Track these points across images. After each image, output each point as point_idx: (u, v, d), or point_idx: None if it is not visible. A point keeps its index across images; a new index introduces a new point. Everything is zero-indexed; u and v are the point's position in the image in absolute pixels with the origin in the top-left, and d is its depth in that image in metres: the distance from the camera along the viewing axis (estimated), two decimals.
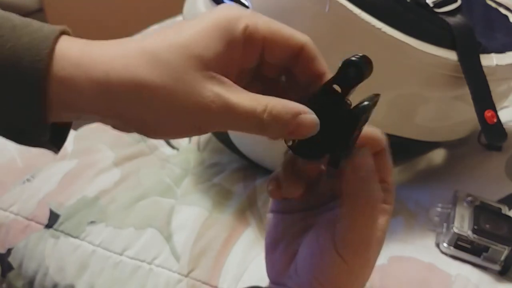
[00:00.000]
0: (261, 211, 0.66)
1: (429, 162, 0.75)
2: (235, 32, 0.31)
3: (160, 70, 0.29)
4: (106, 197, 0.67)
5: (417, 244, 0.60)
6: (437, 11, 0.57)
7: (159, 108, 0.30)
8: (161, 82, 0.29)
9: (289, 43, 0.33)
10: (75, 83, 0.29)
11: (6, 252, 0.65)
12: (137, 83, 0.29)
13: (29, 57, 0.28)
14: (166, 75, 0.29)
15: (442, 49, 0.55)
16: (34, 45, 0.29)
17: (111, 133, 0.78)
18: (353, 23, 0.52)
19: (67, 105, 0.30)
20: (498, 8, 0.70)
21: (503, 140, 0.59)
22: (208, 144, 0.78)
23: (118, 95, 0.29)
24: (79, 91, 0.29)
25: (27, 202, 0.68)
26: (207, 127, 0.31)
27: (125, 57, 0.30)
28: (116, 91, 0.29)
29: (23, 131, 0.31)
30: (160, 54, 0.30)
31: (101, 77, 0.29)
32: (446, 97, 0.60)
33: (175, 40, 0.30)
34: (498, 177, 0.68)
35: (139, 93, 0.29)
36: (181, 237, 0.62)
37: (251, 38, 0.32)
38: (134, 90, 0.29)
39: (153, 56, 0.30)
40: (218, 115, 0.30)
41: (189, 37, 0.30)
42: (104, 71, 0.29)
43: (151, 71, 0.29)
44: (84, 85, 0.29)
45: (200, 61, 0.30)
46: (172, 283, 0.59)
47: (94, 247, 0.63)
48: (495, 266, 0.56)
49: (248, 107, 0.30)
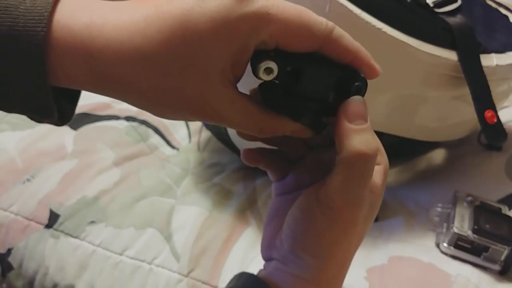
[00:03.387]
0: (261, 211, 0.66)
1: (429, 162, 0.75)
2: (255, 39, 0.30)
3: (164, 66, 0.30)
4: (106, 197, 0.67)
5: (417, 244, 0.60)
6: (437, 11, 0.57)
7: (165, 95, 0.30)
8: (173, 67, 0.29)
9: (310, 37, 0.31)
10: (73, 60, 0.29)
11: (6, 252, 0.65)
12: (146, 57, 0.29)
13: (29, 25, 0.28)
14: (169, 80, 0.30)
15: (442, 49, 0.55)
16: (34, 12, 0.28)
17: (111, 133, 0.78)
18: (353, 23, 0.52)
19: (67, 78, 0.30)
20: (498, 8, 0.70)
21: (503, 140, 0.59)
22: (208, 144, 0.78)
23: (124, 68, 0.29)
24: (77, 71, 0.29)
25: (27, 202, 0.68)
26: (195, 119, 0.33)
27: (133, 29, 0.29)
28: (122, 63, 0.29)
29: (29, 97, 0.30)
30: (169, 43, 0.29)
31: (109, 48, 0.29)
32: (446, 97, 0.60)
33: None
34: (498, 177, 0.68)
35: (146, 66, 0.29)
36: (181, 237, 0.62)
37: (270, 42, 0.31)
38: (142, 63, 0.29)
39: (160, 44, 0.29)
40: (209, 119, 0.31)
41: (200, 50, 0.29)
42: (116, 41, 0.29)
43: (160, 42, 0.29)
44: (86, 56, 0.29)
45: (206, 68, 0.30)
46: (172, 283, 0.59)
47: (94, 247, 0.63)
48: (495, 266, 0.56)
49: (240, 123, 0.32)
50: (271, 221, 0.38)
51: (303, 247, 0.33)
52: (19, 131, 0.77)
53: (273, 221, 0.38)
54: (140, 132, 0.79)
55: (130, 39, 0.29)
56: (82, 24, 0.29)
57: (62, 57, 0.29)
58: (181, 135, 0.80)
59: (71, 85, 0.30)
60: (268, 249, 0.37)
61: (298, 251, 0.34)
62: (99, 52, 0.29)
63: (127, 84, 0.30)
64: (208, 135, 0.78)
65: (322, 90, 0.33)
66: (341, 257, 0.34)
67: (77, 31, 0.29)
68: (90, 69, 0.29)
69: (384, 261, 0.58)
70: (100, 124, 0.80)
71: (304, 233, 0.33)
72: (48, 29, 0.28)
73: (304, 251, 0.33)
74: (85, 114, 0.82)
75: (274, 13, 0.29)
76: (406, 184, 0.69)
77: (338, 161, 0.32)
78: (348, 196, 0.32)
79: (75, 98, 0.34)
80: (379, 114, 0.58)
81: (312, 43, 0.31)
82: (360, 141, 0.32)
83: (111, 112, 0.82)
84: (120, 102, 0.84)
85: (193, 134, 0.80)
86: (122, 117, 0.81)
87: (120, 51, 0.29)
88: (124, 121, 0.81)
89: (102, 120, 0.81)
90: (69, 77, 0.30)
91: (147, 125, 0.81)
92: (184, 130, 0.81)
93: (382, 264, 0.58)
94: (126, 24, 0.29)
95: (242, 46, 0.30)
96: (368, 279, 0.56)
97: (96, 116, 0.82)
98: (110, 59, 0.29)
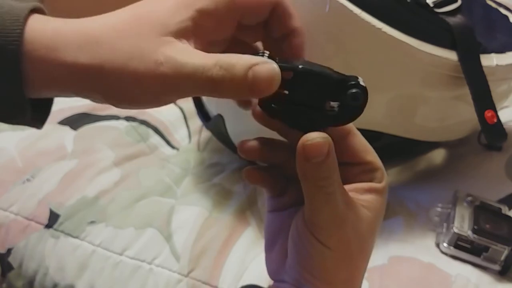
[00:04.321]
0: (261, 211, 0.66)
1: (429, 162, 0.75)
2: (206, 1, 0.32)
3: (122, 43, 0.31)
4: (106, 197, 0.67)
5: (417, 244, 0.60)
6: (437, 11, 0.57)
7: (119, 81, 0.31)
8: (121, 55, 0.31)
9: (263, 3, 0.34)
10: (47, 65, 0.31)
11: (6, 252, 0.65)
12: (102, 62, 0.31)
13: (3, 38, 0.30)
14: (127, 46, 0.31)
15: (442, 49, 0.55)
16: (6, 26, 0.30)
17: (111, 133, 0.78)
18: (353, 23, 0.52)
19: (43, 84, 0.31)
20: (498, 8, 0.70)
21: (503, 140, 0.59)
22: (208, 144, 0.78)
23: (86, 76, 0.31)
24: (51, 72, 0.31)
25: (27, 202, 0.68)
26: (163, 96, 0.32)
27: (92, 36, 0.31)
28: (83, 72, 0.31)
29: (4, 108, 0.32)
30: (125, 27, 0.31)
31: (70, 58, 0.31)
32: (446, 97, 0.60)
33: (143, 10, 0.32)
34: (498, 177, 0.68)
35: (103, 70, 0.31)
36: (181, 237, 0.62)
37: (228, 8, 0.33)
38: (99, 68, 0.31)
39: (117, 32, 0.31)
40: (167, 79, 0.30)
41: (159, 7, 0.32)
42: (72, 52, 0.31)
43: (114, 47, 0.31)
44: (55, 66, 0.31)
45: (162, 28, 0.31)
46: (172, 283, 0.59)
47: (94, 247, 0.63)
48: (495, 266, 0.56)
49: (198, 64, 0.30)
50: (274, 241, 0.38)
51: (311, 272, 0.34)
52: (19, 131, 0.77)
53: (277, 241, 0.38)
54: (140, 132, 0.79)
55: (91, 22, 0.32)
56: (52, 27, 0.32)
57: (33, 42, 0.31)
58: (181, 135, 0.80)
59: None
60: (277, 272, 0.37)
61: (307, 276, 0.34)
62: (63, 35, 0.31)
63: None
64: (208, 135, 0.78)
65: (316, 96, 0.33)
66: (350, 277, 0.35)
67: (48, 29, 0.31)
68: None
69: (384, 261, 0.58)
70: (100, 124, 0.80)
71: (307, 258, 0.34)
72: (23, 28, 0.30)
73: (313, 275, 0.34)
74: (85, 114, 0.82)
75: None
76: (406, 184, 0.69)
77: (304, 188, 0.33)
78: (322, 219, 0.33)
79: (48, 104, 0.36)
80: (379, 114, 0.58)
81: (267, 9, 0.34)
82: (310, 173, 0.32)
83: (111, 112, 0.82)
84: None
85: (193, 134, 0.80)
86: (122, 117, 0.81)
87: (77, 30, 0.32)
88: (124, 121, 0.81)
89: (102, 120, 0.81)
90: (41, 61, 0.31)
91: (147, 125, 0.81)
92: (184, 130, 0.81)
93: (382, 264, 0.58)
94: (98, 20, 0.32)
95: None
96: (368, 279, 0.56)
97: (96, 116, 0.82)
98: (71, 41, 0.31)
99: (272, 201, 0.39)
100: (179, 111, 0.84)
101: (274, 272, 0.38)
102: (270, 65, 0.30)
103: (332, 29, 0.53)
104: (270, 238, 0.38)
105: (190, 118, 0.82)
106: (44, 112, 0.35)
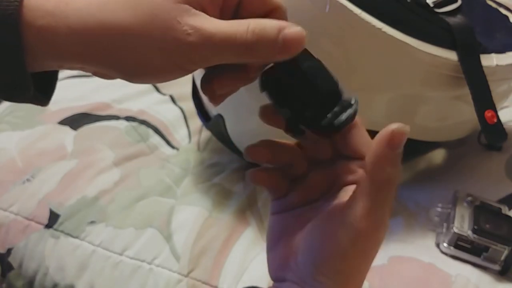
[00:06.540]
0: (261, 211, 0.66)
1: (429, 162, 0.75)
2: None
3: (136, 9, 0.30)
4: (106, 197, 0.67)
5: (417, 244, 0.60)
6: (437, 11, 0.57)
7: (138, 49, 0.30)
8: (137, 22, 0.29)
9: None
10: (53, 32, 0.29)
11: (6, 252, 0.65)
12: (114, 25, 0.29)
13: (1, 9, 0.29)
14: (142, 14, 0.30)
15: (442, 49, 0.55)
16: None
17: (111, 133, 0.78)
18: (353, 23, 0.52)
19: (48, 54, 0.30)
20: (498, 8, 0.70)
21: (503, 140, 0.59)
22: (208, 144, 0.78)
23: (96, 40, 0.30)
24: (58, 39, 0.30)
25: (27, 202, 0.68)
26: (189, 65, 0.31)
27: (101, 1, 0.30)
28: (94, 36, 0.30)
29: (7, 83, 0.30)
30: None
31: (79, 23, 0.29)
32: (446, 97, 0.60)
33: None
34: (498, 177, 0.68)
35: (116, 35, 0.29)
36: (181, 237, 0.62)
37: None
38: (111, 33, 0.29)
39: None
40: (197, 48, 0.30)
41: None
42: (81, 17, 0.29)
43: (127, 12, 0.30)
44: (62, 33, 0.29)
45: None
46: (172, 283, 0.59)
47: (94, 247, 0.63)
48: (495, 266, 0.56)
49: (229, 32, 0.30)
50: (277, 240, 0.38)
51: (324, 273, 0.34)
52: (19, 131, 0.77)
53: (280, 241, 0.37)
54: (140, 132, 0.79)
55: None
56: None
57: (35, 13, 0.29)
58: (181, 135, 0.80)
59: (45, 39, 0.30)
60: (279, 270, 0.37)
61: (319, 276, 0.34)
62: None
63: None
64: (208, 135, 0.78)
65: (304, 98, 0.33)
66: (360, 278, 0.35)
67: None
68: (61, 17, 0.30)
69: (384, 261, 0.58)
70: (100, 124, 0.80)
71: (326, 258, 0.34)
72: None
73: (325, 276, 0.34)
74: (85, 114, 0.82)
75: None
76: (406, 184, 0.69)
77: (367, 184, 0.32)
78: (375, 219, 0.33)
79: (53, 77, 0.34)
80: (379, 114, 0.58)
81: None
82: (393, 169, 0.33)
83: (111, 112, 0.82)
84: (120, 102, 0.84)
85: (193, 134, 0.80)
86: (122, 117, 0.81)
87: None
88: (124, 121, 0.81)
89: (102, 120, 0.81)
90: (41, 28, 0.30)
91: (147, 125, 0.81)
92: (184, 130, 0.81)
93: (382, 264, 0.58)
94: None
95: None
96: (368, 279, 0.56)
97: (96, 116, 0.82)
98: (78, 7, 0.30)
99: (276, 203, 0.39)
100: (179, 111, 0.84)
101: (275, 270, 0.38)
102: (298, 27, 0.31)
103: (332, 29, 0.53)
104: (273, 239, 0.38)
105: (190, 118, 0.82)
106: (49, 88, 0.34)
